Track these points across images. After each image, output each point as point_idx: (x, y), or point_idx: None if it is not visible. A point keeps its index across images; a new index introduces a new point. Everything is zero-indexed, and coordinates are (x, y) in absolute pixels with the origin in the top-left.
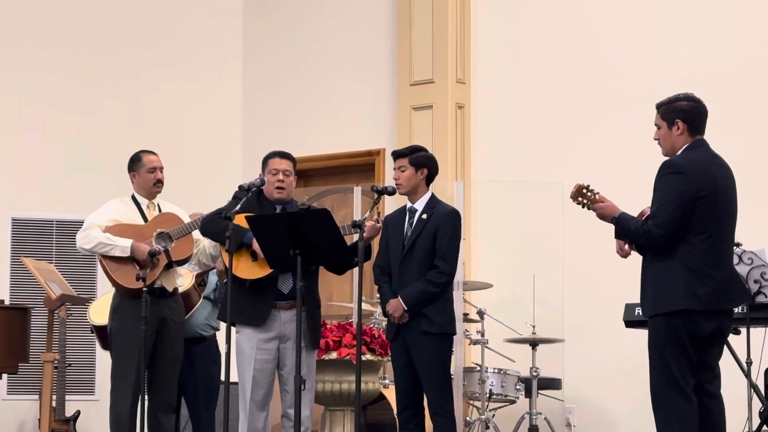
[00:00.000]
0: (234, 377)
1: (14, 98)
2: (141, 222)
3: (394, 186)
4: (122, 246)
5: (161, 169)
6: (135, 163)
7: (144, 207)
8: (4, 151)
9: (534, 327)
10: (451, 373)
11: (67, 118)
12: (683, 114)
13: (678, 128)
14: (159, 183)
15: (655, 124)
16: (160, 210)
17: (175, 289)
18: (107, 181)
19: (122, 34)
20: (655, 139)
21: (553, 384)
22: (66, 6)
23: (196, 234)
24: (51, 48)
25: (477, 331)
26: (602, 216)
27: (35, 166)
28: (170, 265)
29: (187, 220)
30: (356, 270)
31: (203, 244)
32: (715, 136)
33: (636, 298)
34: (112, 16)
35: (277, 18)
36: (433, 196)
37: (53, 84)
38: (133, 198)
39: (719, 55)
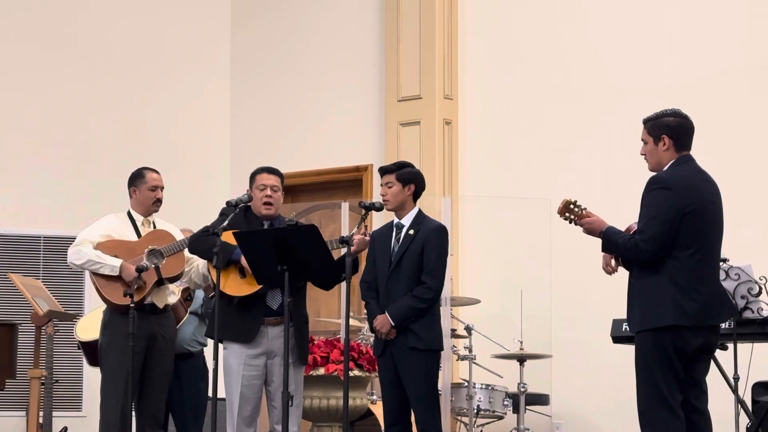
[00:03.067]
0: (221, 393)
1: (1, 114)
2: (135, 238)
3: (382, 202)
4: (111, 265)
5: (162, 188)
6: (137, 179)
7: (139, 223)
8: None
9: (522, 343)
10: (439, 389)
11: (54, 135)
12: (669, 130)
13: (664, 144)
14: (158, 202)
15: (642, 140)
16: (154, 227)
17: (166, 306)
18: (95, 197)
19: (111, 52)
20: (642, 155)
21: (540, 399)
22: (54, 24)
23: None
24: (39, 66)
25: (464, 347)
26: (589, 231)
27: (22, 181)
28: (161, 282)
29: (180, 237)
30: (344, 286)
31: (197, 263)
32: (701, 153)
33: (623, 314)
34: (100, 34)
35: (264, 35)
36: (420, 212)
37: (40, 101)
38: (129, 214)
39: (708, 73)
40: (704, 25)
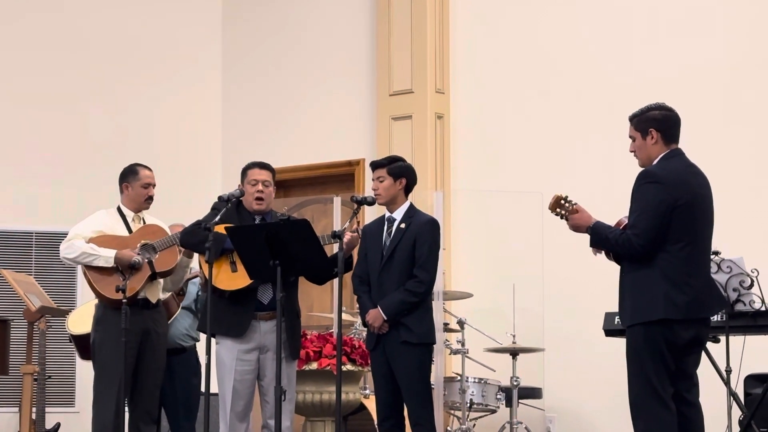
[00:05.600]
0: (214, 388)
1: None
2: (126, 234)
3: (373, 196)
4: (106, 256)
5: (154, 185)
6: (130, 175)
7: (129, 219)
8: None
9: (514, 336)
10: (432, 382)
11: (45, 131)
12: (656, 123)
13: (652, 138)
14: (150, 199)
15: (630, 137)
16: (144, 223)
17: (159, 301)
18: (87, 193)
19: (102, 48)
20: (631, 152)
21: (533, 393)
22: (45, 19)
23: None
24: (30, 63)
25: (457, 341)
26: (576, 227)
27: (14, 178)
28: (154, 276)
29: (170, 232)
30: (336, 280)
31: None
32: (692, 146)
33: (615, 307)
34: (91, 29)
35: (255, 29)
36: (411, 206)
37: (32, 97)
38: (119, 210)
39: (697, 66)
40: (694, 20)
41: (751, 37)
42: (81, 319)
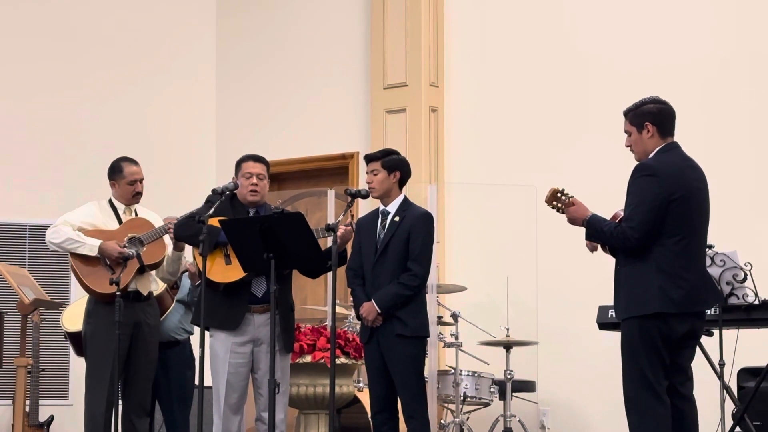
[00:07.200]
0: (208, 381)
1: None
2: (117, 226)
3: (368, 189)
4: (91, 245)
5: (141, 180)
6: (116, 172)
7: (121, 212)
8: None
9: (508, 330)
10: (425, 376)
11: (39, 124)
12: (652, 117)
13: (648, 131)
14: (138, 195)
15: (625, 131)
16: (136, 215)
17: (150, 293)
18: (81, 185)
19: (95, 40)
20: (627, 146)
21: (527, 386)
22: (36, 12)
23: (167, 239)
24: (24, 56)
25: (451, 334)
26: (572, 220)
27: (8, 170)
28: (142, 269)
29: (159, 224)
30: (330, 273)
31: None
32: (687, 140)
33: (609, 301)
34: (84, 22)
35: (250, 22)
36: (405, 199)
37: (25, 90)
38: (111, 202)
39: (691, 59)
40: (694, 15)
41: (740, 31)
42: (76, 316)
